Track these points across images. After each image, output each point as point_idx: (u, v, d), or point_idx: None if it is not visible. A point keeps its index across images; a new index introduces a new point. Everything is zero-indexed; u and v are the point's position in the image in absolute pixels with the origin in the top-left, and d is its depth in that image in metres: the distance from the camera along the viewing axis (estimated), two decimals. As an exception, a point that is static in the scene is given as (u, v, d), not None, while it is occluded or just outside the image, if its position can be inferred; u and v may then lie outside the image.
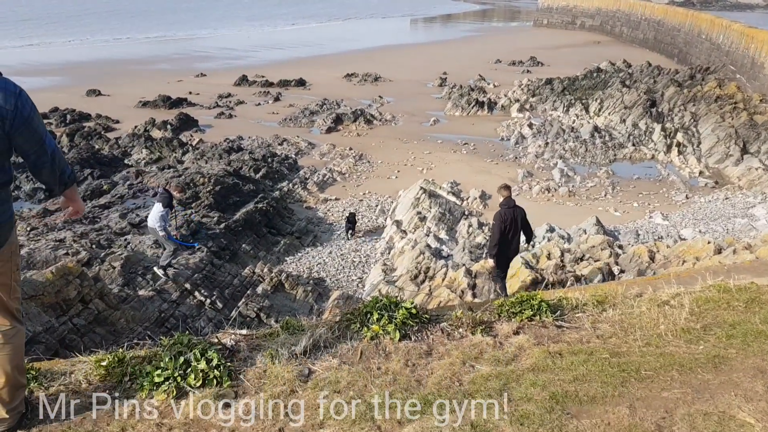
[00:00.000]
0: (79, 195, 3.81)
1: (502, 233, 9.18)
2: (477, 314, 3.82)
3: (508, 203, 9.30)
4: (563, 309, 4.03)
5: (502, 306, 3.93)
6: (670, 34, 59.87)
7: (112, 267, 10.72)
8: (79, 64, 46.07)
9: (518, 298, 3.93)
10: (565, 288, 9.95)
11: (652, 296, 4.25)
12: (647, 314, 3.95)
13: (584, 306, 4.08)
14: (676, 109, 31.74)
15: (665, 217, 19.25)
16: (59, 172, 3.46)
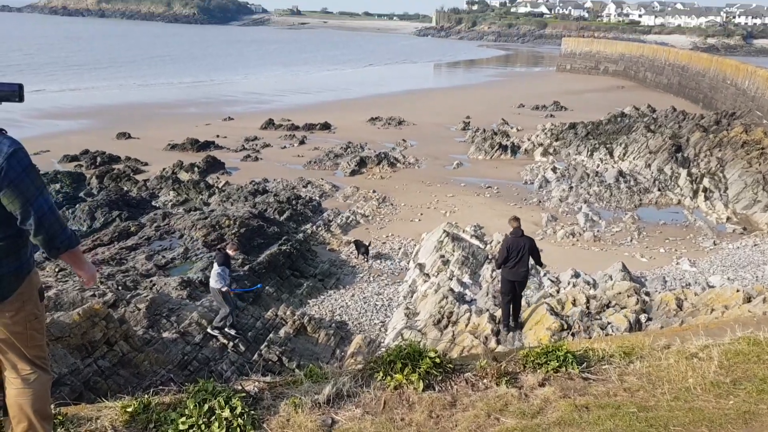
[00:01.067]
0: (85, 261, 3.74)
1: (505, 259, 10.50)
2: (502, 364, 3.79)
3: (516, 233, 10.59)
4: (589, 360, 3.98)
5: (527, 356, 3.90)
6: (694, 79, 59.88)
7: (138, 309, 10.82)
8: (110, 108, 47.26)
9: (544, 348, 3.89)
10: (591, 338, 9.82)
11: (680, 348, 4.18)
12: (675, 367, 3.89)
13: (611, 357, 4.03)
14: (702, 155, 31.54)
15: (693, 264, 18.96)
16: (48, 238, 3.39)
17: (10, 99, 3.59)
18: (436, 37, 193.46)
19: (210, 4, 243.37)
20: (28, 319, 3.51)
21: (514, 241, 10.50)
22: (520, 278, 10.64)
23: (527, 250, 10.50)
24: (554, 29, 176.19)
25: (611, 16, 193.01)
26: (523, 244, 10.48)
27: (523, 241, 10.54)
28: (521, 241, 10.52)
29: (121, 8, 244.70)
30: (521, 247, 10.44)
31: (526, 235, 10.78)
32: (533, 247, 10.70)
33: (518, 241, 10.50)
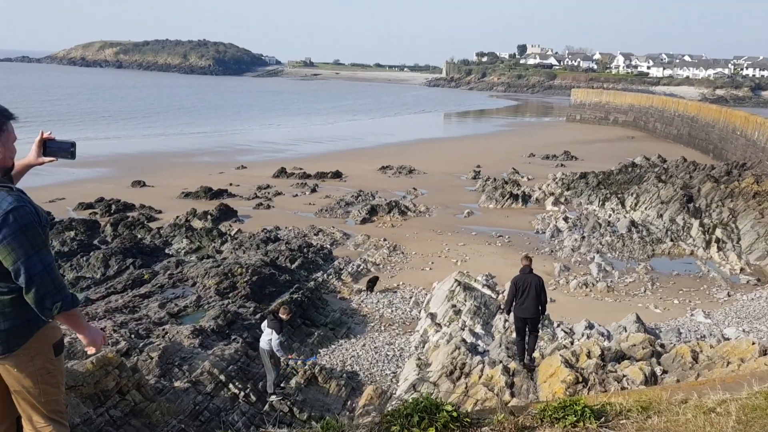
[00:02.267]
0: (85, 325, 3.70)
1: (513, 295, 11.00)
2: (519, 419, 3.79)
3: (524, 270, 11.08)
4: (607, 415, 3.97)
5: (544, 410, 3.89)
6: (704, 130, 60.25)
7: (150, 357, 10.82)
8: (126, 156, 48.05)
9: (561, 402, 3.89)
10: (607, 391, 9.71)
11: (697, 403, 4.16)
12: (693, 422, 3.86)
13: (628, 412, 4.01)
14: (713, 205, 31.51)
15: (707, 315, 18.76)
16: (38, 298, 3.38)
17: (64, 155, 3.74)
18: (446, 87, 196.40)
19: (225, 56, 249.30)
20: (40, 374, 3.52)
21: (522, 278, 10.97)
22: (529, 314, 11.01)
23: (534, 287, 10.88)
24: (563, 80, 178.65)
25: (620, 68, 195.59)
26: (530, 281, 10.90)
27: (531, 278, 10.95)
28: (529, 278, 10.95)
29: (138, 59, 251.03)
30: (528, 284, 10.87)
31: (534, 273, 11.15)
32: (540, 285, 11.03)
33: (526, 278, 10.94)
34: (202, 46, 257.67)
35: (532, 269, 11.26)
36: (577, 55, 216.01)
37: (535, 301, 10.93)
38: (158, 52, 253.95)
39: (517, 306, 10.94)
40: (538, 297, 10.94)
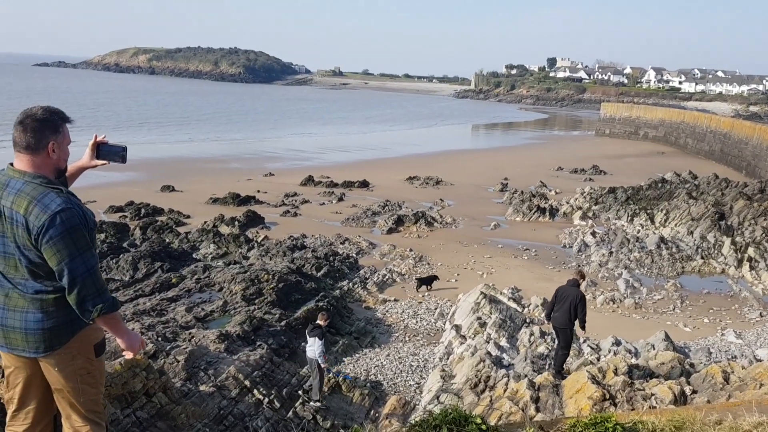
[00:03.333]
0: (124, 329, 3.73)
1: (552, 304, 11.42)
2: (549, 434, 3.74)
3: (568, 282, 11.48)
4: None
5: (574, 427, 3.84)
6: (737, 146, 59.27)
7: (177, 360, 10.92)
8: (156, 161, 48.70)
9: (592, 419, 3.83)
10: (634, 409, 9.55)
11: (732, 425, 4.07)
12: (729, 444, 3.78)
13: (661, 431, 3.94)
14: (746, 223, 30.91)
15: (738, 335, 18.37)
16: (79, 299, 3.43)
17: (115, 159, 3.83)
18: (474, 99, 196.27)
19: (255, 64, 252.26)
20: (80, 373, 3.58)
21: (563, 289, 11.32)
22: (559, 324, 11.34)
23: (569, 301, 11.10)
24: (593, 94, 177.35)
25: (651, 83, 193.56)
26: (569, 293, 11.15)
27: (571, 290, 11.21)
28: (569, 290, 11.23)
29: (170, 66, 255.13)
30: (567, 296, 11.13)
31: (577, 288, 11.36)
32: (577, 300, 11.17)
33: (567, 290, 11.25)
34: (233, 53, 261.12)
35: (578, 283, 11.50)
36: (608, 69, 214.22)
37: (566, 314, 11.13)
38: (190, 59, 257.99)
39: (553, 315, 11.37)
40: (570, 310, 11.10)
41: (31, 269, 3.40)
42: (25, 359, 3.55)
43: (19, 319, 3.45)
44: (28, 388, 3.61)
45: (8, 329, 3.47)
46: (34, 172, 3.46)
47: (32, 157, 3.49)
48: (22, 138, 3.48)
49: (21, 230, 3.35)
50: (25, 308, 3.44)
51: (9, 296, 3.47)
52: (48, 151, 3.52)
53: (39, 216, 3.31)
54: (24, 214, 3.34)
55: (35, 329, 3.44)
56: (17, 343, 3.49)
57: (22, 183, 3.42)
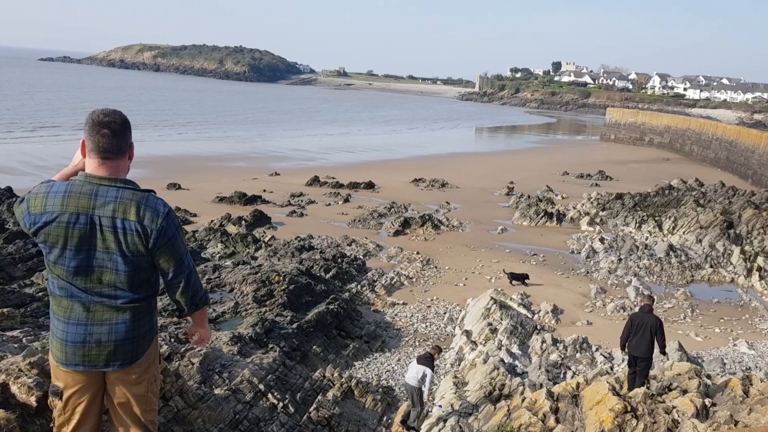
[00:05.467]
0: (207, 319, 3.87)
1: (628, 332, 11.18)
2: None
3: (642, 309, 11.40)
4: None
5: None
6: (743, 155, 59.15)
7: (191, 363, 10.78)
8: (162, 159, 48.55)
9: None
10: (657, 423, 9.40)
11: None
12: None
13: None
14: (755, 232, 30.78)
15: (751, 346, 18.23)
16: (192, 293, 3.54)
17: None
18: (478, 102, 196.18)
19: (260, 63, 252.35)
20: (150, 381, 3.53)
21: (639, 317, 11.21)
22: (639, 353, 11.11)
23: (650, 328, 11.00)
24: (597, 99, 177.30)
25: (656, 89, 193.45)
26: (647, 321, 11.07)
27: (648, 317, 11.12)
28: (646, 317, 11.13)
29: (175, 63, 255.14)
30: (645, 323, 11.03)
31: (653, 314, 11.29)
32: (658, 326, 11.08)
33: (643, 317, 11.15)
34: (238, 52, 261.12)
35: (652, 309, 11.46)
36: (613, 74, 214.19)
37: (648, 342, 11.04)
38: (195, 57, 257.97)
39: (630, 343, 11.17)
40: (651, 338, 11.02)
41: (132, 277, 3.32)
42: (95, 376, 3.42)
43: (106, 332, 3.34)
44: (90, 407, 3.48)
45: (91, 345, 3.34)
46: (121, 177, 3.37)
47: (119, 161, 3.41)
48: (111, 143, 3.35)
49: (133, 237, 3.27)
50: (112, 320, 3.34)
51: (91, 310, 3.34)
52: (130, 153, 3.47)
53: (154, 219, 3.29)
54: (136, 220, 3.27)
55: (126, 339, 3.36)
56: (100, 359, 3.36)
57: (116, 190, 3.32)
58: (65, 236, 3.23)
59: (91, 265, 3.26)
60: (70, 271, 3.26)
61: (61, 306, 3.34)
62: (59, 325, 3.35)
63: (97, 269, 3.27)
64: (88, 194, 3.28)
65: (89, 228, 3.23)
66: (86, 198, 3.26)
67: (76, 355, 3.34)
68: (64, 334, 3.33)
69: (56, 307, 3.36)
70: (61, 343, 3.35)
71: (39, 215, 3.25)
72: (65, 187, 3.30)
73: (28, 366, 7.07)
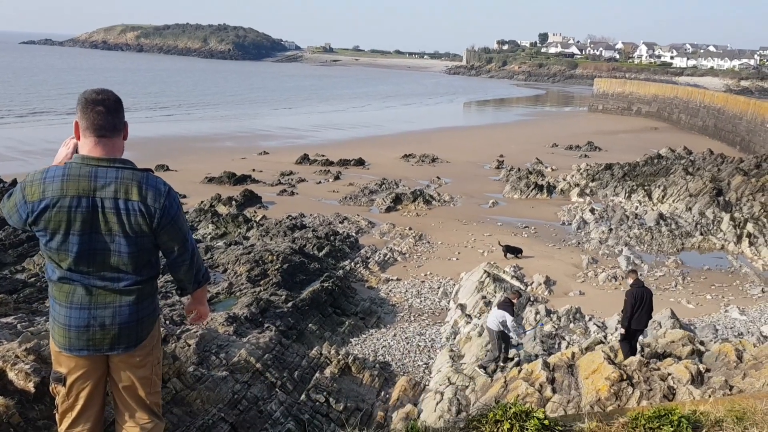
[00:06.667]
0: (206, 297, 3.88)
1: (632, 309, 11.41)
2: (612, 428, 3.63)
3: (638, 284, 11.74)
4: (702, 424, 3.79)
5: (637, 419, 3.72)
6: (731, 122, 59.27)
7: (188, 344, 10.77)
8: (149, 140, 48.01)
9: (655, 411, 3.72)
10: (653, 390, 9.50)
11: (794, 414, 3.97)
12: (795, 435, 3.68)
13: (723, 422, 3.84)
14: (744, 199, 30.97)
15: (742, 312, 18.43)
16: (195, 271, 3.54)
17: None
18: (466, 75, 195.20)
19: (245, 41, 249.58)
20: (154, 363, 3.50)
21: (639, 291, 11.54)
22: (643, 326, 11.69)
23: (649, 300, 11.55)
24: (585, 70, 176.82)
25: (642, 58, 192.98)
26: (646, 294, 11.56)
27: (646, 291, 11.65)
28: (644, 291, 11.63)
29: (158, 43, 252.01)
30: (645, 297, 11.50)
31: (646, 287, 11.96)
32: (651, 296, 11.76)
33: (642, 291, 11.58)
34: (222, 30, 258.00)
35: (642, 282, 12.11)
36: (599, 45, 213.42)
37: (649, 314, 11.66)
38: (178, 36, 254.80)
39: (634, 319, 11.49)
40: (651, 309, 11.67)
41: (136, 258, 3.27)
42: (99, 360, 3.38)
43: (110, 315, 3.30)
44: (94, 392, 3.44)
45: (95, 329, 3.30)
46: (119, 157, 3.31)
47: (115, 140, 3.35)
48: (107, 121, 3.29)
49: (136, 217, 3.22)
50: (115, 303, 3.29)
51: (94, 294, 3.29)
52: (125, 133, 3.43)
53: (157, 198, 3.24)
54: (139, 200, 3.22)
55: (130, 322, 3.32)
56: (105, 342, 3.32)
57: (116, 170, 3.25)
58: (68, 221, 3.16)
59: (94, 249, 3.21)
60: (73, 256, 3.20)
61: (62, 291, 3.28)
62: (61, 311, 3.29)
63: (100, 252, 3.22)
64: (87, 176, 3.20)
65: (91, 211, 3.17)
66: (86, 180, 3.19)
67: (80, 339, 3.29)
68: (67, 319, 3.28)
69: (57, 292, 3.31)
70: (63, 328, 3.30)
71: (38, 202, 3.17)
72: (62, 171, 3.22)
73: (24, 352, 7.04)
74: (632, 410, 3.91)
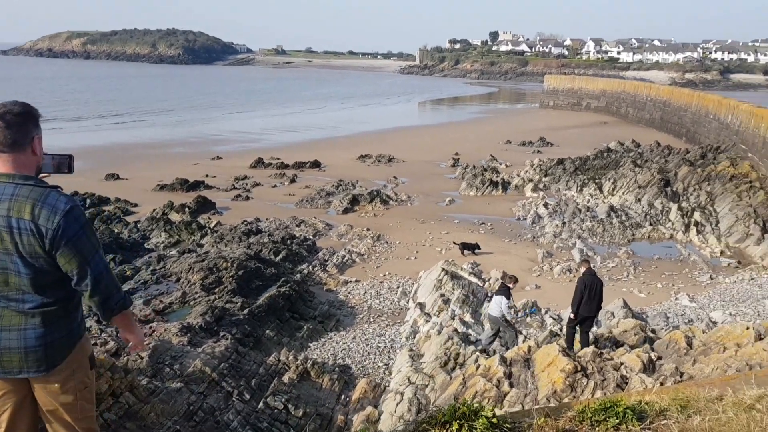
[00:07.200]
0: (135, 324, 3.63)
1: (581, 296, 11.94)
2: (560, 422, 3.65)
3: (590, 272, 12.39)
4: (647, 415, 3.85)
5: (584, 412, 3.76)
6: (677, 114, 60.93)
7: (140, 357, 10.51)
8: (98, 148, 46.97)
9: (601, 403, 3.76)
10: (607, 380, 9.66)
11: (734, 399, 4.06)
12: (736, 421, 3.76)
13: (667, 411, 3.90)
14: (690, 189, 31.88)
15: (692, 299, 18.94)
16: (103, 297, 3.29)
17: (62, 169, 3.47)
18: (420, 75, 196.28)
19: (195, 45, 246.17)
20: (78, 388, 3.35)
21: (590, 279, 12.13)
22: (591, 313, 12.18)
23: (598, 289, 12.14)
24: (535, 67, 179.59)
25: (590, 54, 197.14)
26: (596, 283, 12.16)
27: (596, 279, 12.26)
28: (595, 279, 12.25)
29: (106, 50, 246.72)
30: (595, 285, 12.09)
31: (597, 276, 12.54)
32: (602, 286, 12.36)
33: (593, 280, 12.18)
34: (171, 34, 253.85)
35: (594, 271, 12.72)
36: (549, 42, 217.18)
37: (598, 302, 12.16)
38: (126, 42, 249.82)
39: (583, 305, 12.00)
40: (600, 298, 12.17)
41: (35, 280, 3.11)
42: (17, 382, 3.24)
43: (15, 337, 3.15)
44: (17, 414, 3.30)
45: (2, 351, 3.15)
46: (21, 173, 3.14)
47: (17, 155, 3.18)
48: (4, 135, 3.13)
49: (28, 237, 3.06)
50: (21, 325, 3.14)
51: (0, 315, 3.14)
52: (33, 147, 3.24)
53: (50, 218, 3.07)
54: (30, 219, 3.06)
55: (37, 346, 3.16)
56: (13, 365, 3.18)
57: (14, 187, 3.11)
58: None
59: None
60: None
61: None
62: None
63: (2, 272, 3.08)
64: None
65: None
66: None
67: None
68: None
69: None
70: None
71: None
72: None
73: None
74: (579, 403, 3.95)
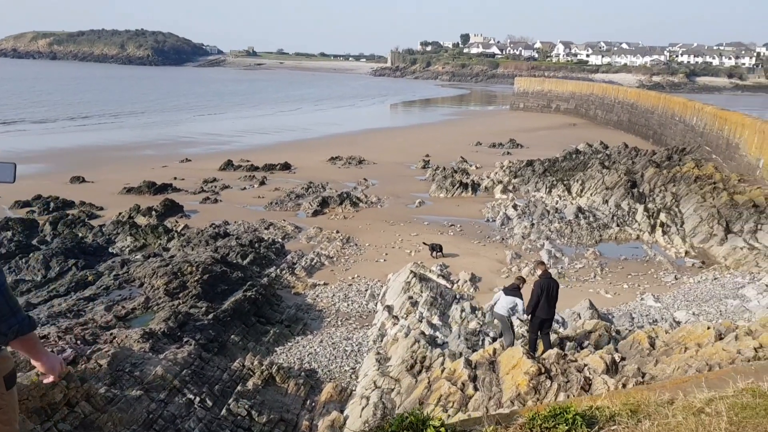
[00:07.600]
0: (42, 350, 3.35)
1: (538, 299, 11.92)
2: (509, 430, 3.60)
3: (546, 275, 12.33)
4: (597, 420, 3.82)
5: (533, 420, 3.71)
6: (644, 116, 61.85)
7: (99, 365, 10.26)
8: (63, 151, 46.10)
9: (551, 411, 3.72)
10: (571, 382, 9.68)
11: (685, 403, 4.06)
12: (684, 425, 3.76)
13: (617, 417, 3.88)
14: (657, 190, 32.33)
15: (657, 299, 19.16)
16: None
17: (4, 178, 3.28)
18: (391, 77, 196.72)
19: (164, 46, 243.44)
20: None
21: (546, 282, 12.11)
22: (549, 316, 12.14)
23: (555, 291, 12.15)
24: (506, 69, 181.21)
25: (560, 56, 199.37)
26: (553, 285, 12.16)
27: (552, 282, 12.25)
28: (551, 282, 12.22)
29: (73, 50, 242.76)
30: (552, 288, 12.07)
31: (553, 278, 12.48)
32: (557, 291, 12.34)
33: (549, 282, 12.15)
34: (140, 35, 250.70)
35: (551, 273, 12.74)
36: (519, 44, 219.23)
37: (554, 304, 12.15)
38: (94, 43, 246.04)
39: (540, 308, 11.98)
40: (556, 300, 12.18)
41: None
42: None
43: None
44: None
45: None
46: None
47: None
48: None
49: None
50: None
51: None
52: None
53: None
54: None
55: None
56: None
57: None
58: None
59: None
60: None
61: None
62: None
63: None
64: None
65: None
66: None
67: None
68: None
69: None
70: None
71: None
72: None
73: None
74: (529, 410, 3.91)
